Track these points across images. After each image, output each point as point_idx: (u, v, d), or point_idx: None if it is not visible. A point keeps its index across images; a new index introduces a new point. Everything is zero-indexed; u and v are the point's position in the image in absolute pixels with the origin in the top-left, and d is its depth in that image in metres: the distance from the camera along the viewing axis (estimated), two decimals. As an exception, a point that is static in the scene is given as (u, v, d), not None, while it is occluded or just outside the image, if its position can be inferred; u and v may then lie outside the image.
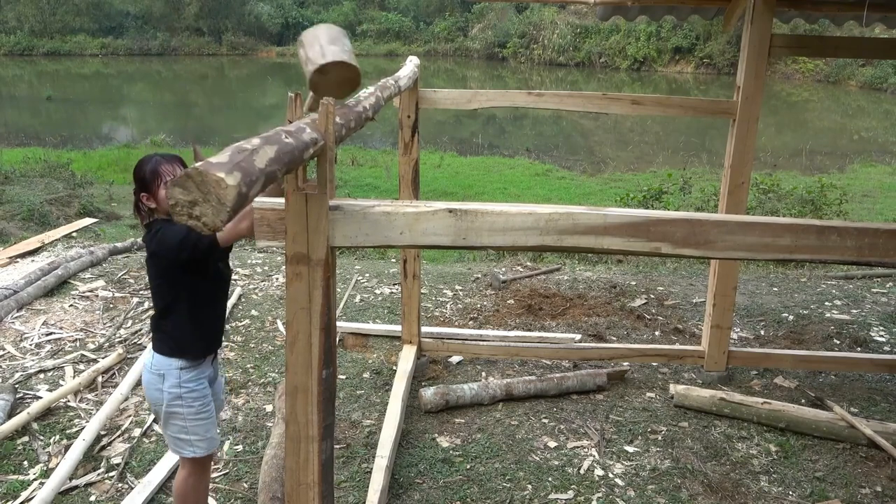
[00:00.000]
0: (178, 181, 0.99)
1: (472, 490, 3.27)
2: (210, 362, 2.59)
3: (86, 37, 36.04)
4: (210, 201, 0.99)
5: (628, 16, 4.52)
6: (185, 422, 2.49)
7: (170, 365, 2.46)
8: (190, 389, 2.48)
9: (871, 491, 3.33)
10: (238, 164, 1.05)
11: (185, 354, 2.47)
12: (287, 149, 1.25)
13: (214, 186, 0.99)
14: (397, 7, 39.56)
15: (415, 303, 4.21)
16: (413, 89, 3.76)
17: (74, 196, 8.67)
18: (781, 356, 4.36)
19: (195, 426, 2.50)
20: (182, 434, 2.51)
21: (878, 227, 1.56)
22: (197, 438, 2.52)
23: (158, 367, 2.47)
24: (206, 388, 2.54)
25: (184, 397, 2.47)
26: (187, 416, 2.48)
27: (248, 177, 1.06)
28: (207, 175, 0.99)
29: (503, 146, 15.77)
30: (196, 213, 1.00)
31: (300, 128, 1.40)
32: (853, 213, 8.90)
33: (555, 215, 1.55)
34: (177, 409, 2.47)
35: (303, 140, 1.35)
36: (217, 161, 1.03)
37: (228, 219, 1.01)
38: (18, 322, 4.78)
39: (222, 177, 0.99)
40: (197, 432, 2.51)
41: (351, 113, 1.81)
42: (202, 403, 2.52)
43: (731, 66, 26.97)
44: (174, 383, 2.45)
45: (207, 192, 0.99)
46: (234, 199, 1.00)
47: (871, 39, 4.18)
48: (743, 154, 3.94)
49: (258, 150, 1.15)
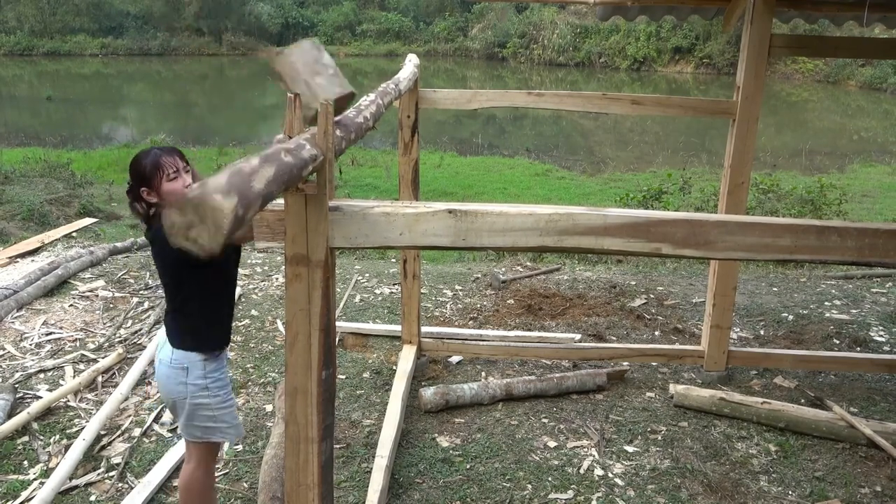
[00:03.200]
0: (176, 204, 0.99)
1: (472, 490, 3.27)
2: (226, 353, 2.65)
3: (86, 37, 36.03)
4: (206, 225, 0.99)
5: (628, 16, 4.52)
6: (213, 411, 2.53)
7: (192, 357, 2.48)
8: (215, 379, 2.52)
9: (870, 491, 3.33)
10: (235, 186, 1.04)
11: (204, 347, 2.49)
12: (286, 168, 1.25)
13: (210, 210, 0.98)
14: (397, 7, 39.55)
15: (415, 303, 4.22)
16: (413, 89, 3.76)
17: (74, 196, 8.68)
18: (781, 356, 4.36)
19: (223, 414, 2.55)
20: (210, 423, 2.55)
21: (878, 227, 1.56)
22: (226, 426, 2.58)
23: (180, 360, 2.48)
24: (227, 378, 2.61)
25: (210, 388, 2.51)
26: (214, 406, 2.52)
27: (246, 199, 1.05)
28: (204, 198, 0.98)
29: (503, 146, 15.77)
30: (192, 235, 1.00)
31: (300, 144, 1.39)
32: (853, 213, 8.90)
33: (555, 216, 1.55)
34: (203, 401, 2.50)
35: (302, 158, 1.35)
36: (215, 184, 1.03)
37: (225, 242, 1.01)
38: (18, 322, 4.78)
39: (219, 200, 0.99)
40: (225, 419, 2.57)
41: (352, 125, 1.79)
42: (227, 392, 2.58)
43: (731, 66, 26.96)
44: (199, 375, 2.48)
45: (204, 216, 0.99)
46: (231, 222, 1.00)
47: (871, 39, 4.18)
48: (743, 154, 3.94)
49: (257, 172, 1.14)
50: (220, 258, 2.41)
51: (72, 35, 35.83)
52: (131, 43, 35.87)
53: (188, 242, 1.00)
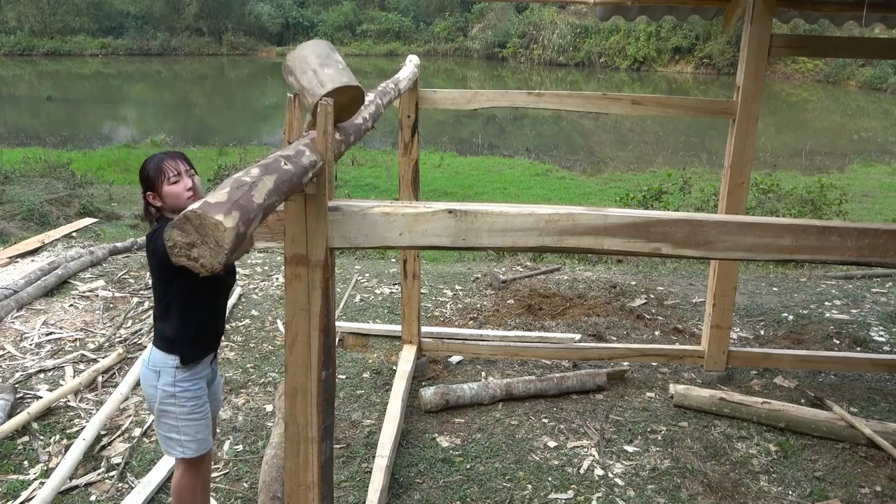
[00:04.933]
0: (177, 223, 0.99)
1: (472, 490, 3.27)
2: (208, 363, 2.58)
3: (86, 37, 36.05)
4: (208, 244, 0.99)
5: (628, 16, 4.52)
6: (177, 421, 2.47)
7: (165, 362, 2.45)
8: (184, 389, 2.46)
9: (870, 490, 3.33)
10: (236, 203, 1.04)
11: (181, 353, 2.46)
12: (286, 177, 1.25)
13: (213, 229, 0.99)
14: (397, 7, 39.56)
15: (415, 303, 4.21)
16: (413, 89, 3.76)
17: (74, 196, 8.67)
18: (781, 356, 4.36)
19: (186, 426, 2.48)
20: (172, 433, 2.49)
21: (878, 227, 1.56)
22: (187, 439, 2.50)
23: (155, 363, 2.47)
24: (201, 389, 2.52)
25: (177, 396, 2.45)
26: (179, 416, 2.46)
27: (247, 215, 1.05)
28: (206, 218, 0.98)
29: (503, 146, 15.77)
30: (194, 254, 1.00)
31: (299, 151, 1.39)
32: (853, 212, 8.90)
33: (555, 216, 1.55)
34: (169, 408, 2.46)
35: (302, 165, 1.35)
36: (215, 201, 1.02)
37: (226, 260, 1.01)
38: (18, 322, 4.78)
39: (220, 220, 0.99)
40: (187, 433, 2.49)
41: (351, 127, 1.78)
42: (196, 404, 2.49)
43: (731, 66, 26.98)
44: (169, 381, 2.44)
45: (205, 235, 0.99)
46: (232, 240, 1.00)
47: (871, 39, 4.18)
48: (743, 154, 3.94)
49: (257, 183, 1.14)
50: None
51: (72, 35, 35.85)
52: (131, 43, 35.89)
53: (190, 262, 1.00)
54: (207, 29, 37.19)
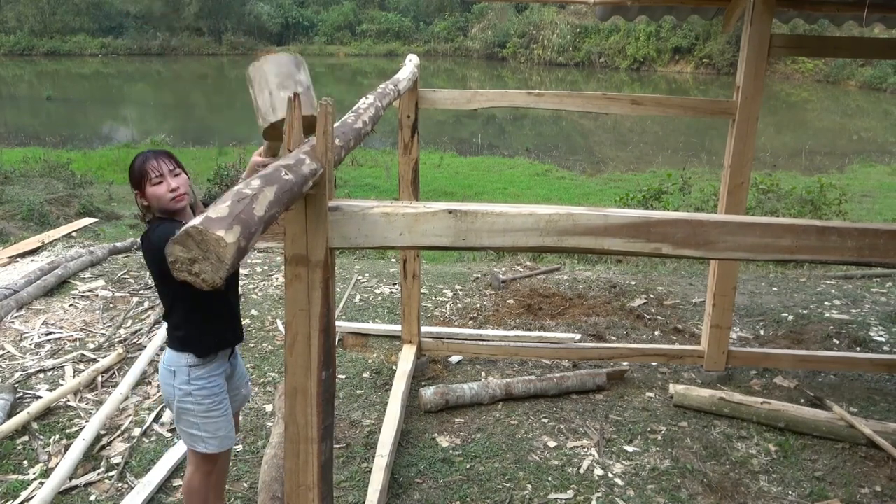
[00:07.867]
0: (179, 239, 0.99)
1: (472, 490, 3.27)
2: (226, 358, 2.58)
3: (86, 37, 36.05)
4: (210, 259, 0.99)
5: (628, 16, 4.52)
6: (196, 418, 2.49)
7: (179, 361, 2.46)
8: (200, 387, 2.47)
9: (870, 490, 3.33)
10: (237, 217, 1.04)
11: (194, 350, 2.46)
12: (287, 187, 1.25)
13: (214, 245, 0.98)
14: (397, 7, 39.57)
15: (415, 303, 4.21)
16: (413, 89, 3.76)
17: (74, 196, 8.68)
18: (781, 356, 4.36)
19: (206, 423, 2.50)
20: (193, 430, 2.51)
21: (878, 227, 1.56)
22: (208, 435, 2.52)
23: (170, 363, 2.48)
24: (218, 386, 2.52)
25: (193, 395, 2.47)
26: (198, 414, 2.49)
27: (248, 229, 1.05)
28: (207, 234, 0.98)
29: (503, 146, 15.77)
30: (195, 270, 1.00)
31: (299, 160, 1.38)
32: (853, 213, 8.90)
33: (555, 216, 1.55)
34: (187, 406, 2.48)
35: (302, 174, 1.34)
36: (217, 216, 1.02)
37: (228, 275, 1.01)
38: (18, 322, 4.78)
39: (221, 235, 0.98)
40: (208, 430, 2.51)
41: (350, 132, 1.78)
42: (213, 401, 2.50)
43: (731, 66, 26.96)
44: (184, 380, 2.46)
45: (207, 251, 0.99)
46: (234, 255, 1.00)
47: (871, 39, 4.18)
48: (743, 154, 3.94)
49: (258, 195, 1.13)
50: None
51: (72, 35, 35.86)
52: (131, 43, 35.89)
53: (192, 277, 1.00)
54: (207, 29, 37.20)
